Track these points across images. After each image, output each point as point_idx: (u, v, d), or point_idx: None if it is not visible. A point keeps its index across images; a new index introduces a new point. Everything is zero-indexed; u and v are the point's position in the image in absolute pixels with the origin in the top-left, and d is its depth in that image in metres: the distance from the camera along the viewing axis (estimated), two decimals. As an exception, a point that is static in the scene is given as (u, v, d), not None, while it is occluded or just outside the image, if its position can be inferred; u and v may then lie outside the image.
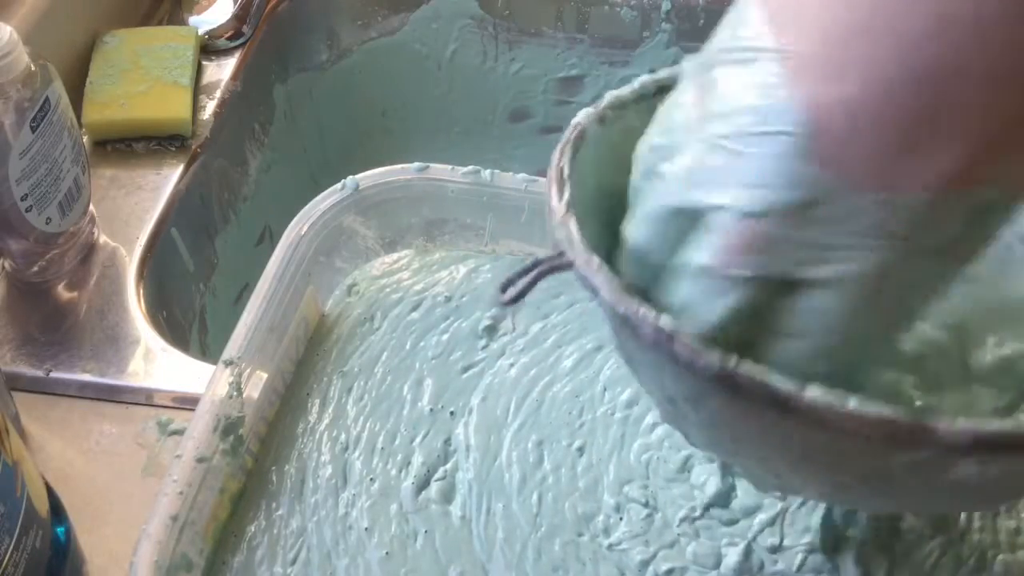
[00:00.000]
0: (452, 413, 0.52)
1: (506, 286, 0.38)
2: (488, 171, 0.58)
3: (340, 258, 0.59)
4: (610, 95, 0.42)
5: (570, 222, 0.37)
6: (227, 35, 0.81)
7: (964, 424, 0.30)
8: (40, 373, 0.59)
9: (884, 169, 0.29)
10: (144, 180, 0.71)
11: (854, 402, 0.30)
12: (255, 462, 0.51)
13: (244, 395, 0.50)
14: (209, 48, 0.80)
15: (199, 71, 0.78)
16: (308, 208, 0.57)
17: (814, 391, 0.31)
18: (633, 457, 0.50)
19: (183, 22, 0.82)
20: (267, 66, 0.85)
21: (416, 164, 0.59)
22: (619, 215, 0.38)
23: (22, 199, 0.59)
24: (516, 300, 0.38)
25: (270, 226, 0.83)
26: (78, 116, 0.68)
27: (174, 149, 0.73)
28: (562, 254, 0.37)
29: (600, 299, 0.35)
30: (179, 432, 0.55)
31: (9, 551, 0.42)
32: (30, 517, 0.44)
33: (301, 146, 0.91)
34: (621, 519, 0.48)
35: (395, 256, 0.60)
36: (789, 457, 0.36)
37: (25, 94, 0.57)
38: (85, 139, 0.70)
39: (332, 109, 0.92)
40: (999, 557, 0.46)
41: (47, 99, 0.59)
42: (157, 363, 0.59)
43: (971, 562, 0.46)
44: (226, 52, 0.81)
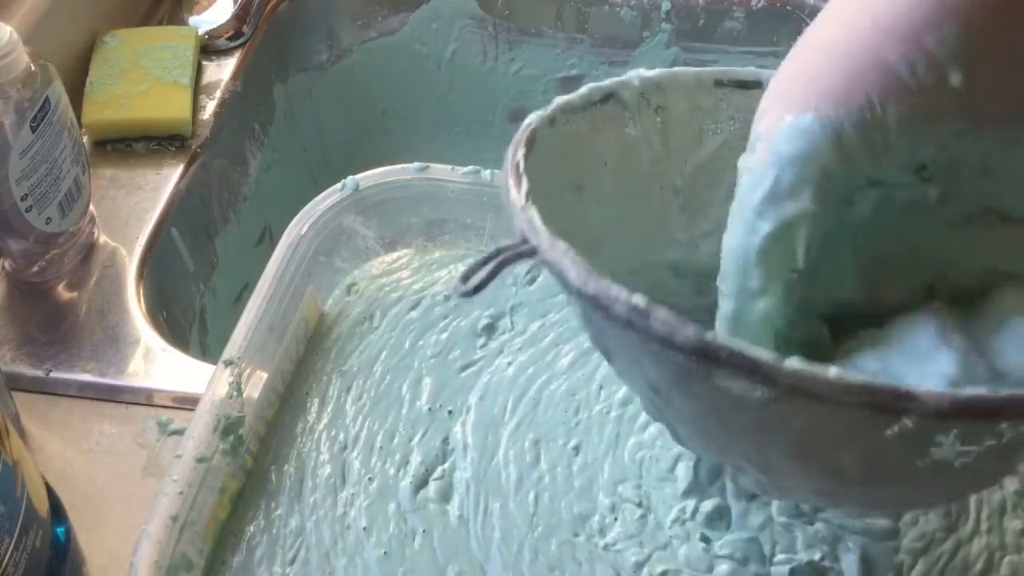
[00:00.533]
0: (450, 412, 0.53)
1: (467, 276, 0.37)
2: (488, 171, 0.58)
3: (340, 258, 0.59)
4: (559, 100, 0.43)
5: (531, 210, 0.37)
6: (227, 35, 0.81)
7: (942, 391, 0.30)
8: (40, 373, 0.59)
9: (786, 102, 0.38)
10: (144, 180, 0.71)
11: (834, 370, 0.30)
12: (254, 461, 0.51)
13: (244, 395, 0.50)
14: (209, 48, 0.80)
15: (199, 71, 0.78)
16: (308, 208, 0.57)
17: (794, 361, 0.31)
18: (627, 456, 0.50)
19: (183, 22, 0.82)
20: (267, 66, 0.85)
21: (416, 164, 0.59)
22: (571, 210, 0.39)
23: (22, 199, 0.59)
24: (476, 291, 0.37)
25: (270, 226, 0.83)
26: (78, 116, 0.68)
27: (174, 149, 0.73)
28: (525, 241, 0.37)
29: (568, 284, 0.35)
30: (179, 432, 0.55)
31: (9, 551, 0.42)
32: (30, 517, 0.44)
33: (301, 146, 0.91)
34: (616, 519, 0.48)
35: (395, 255, 0.60)
36: (777, 443, 0.36)
37: (25, 94, 0.57)
38: (85, 139, 0.70)
39: (332, 109, 0.92)
40: (1006, 559, 0.46)
41: (47, 99, 0.59)
42: (157, 363, 0.59)
43: (979, 565, 0.46)
44: (226, 52, 0.81)
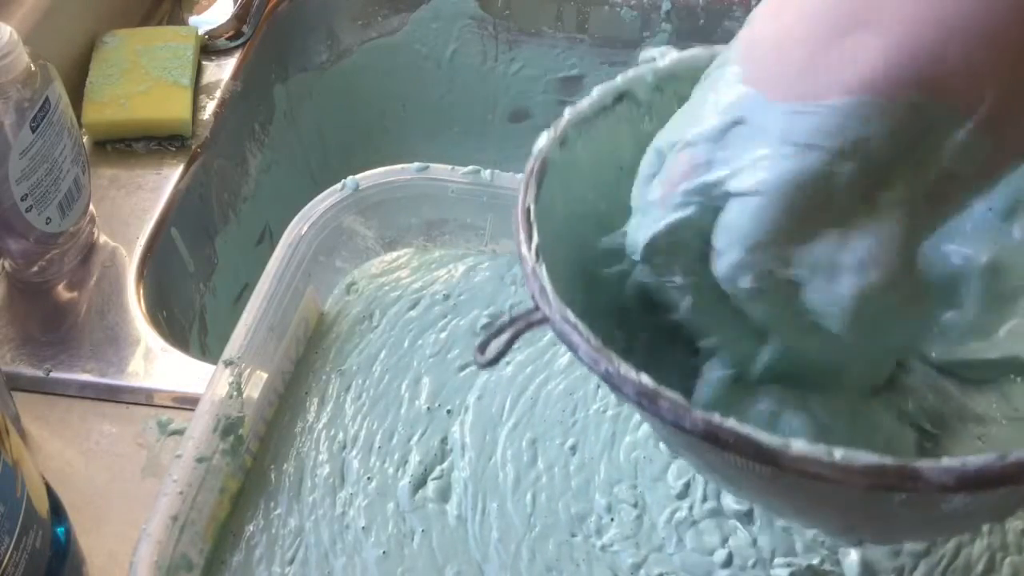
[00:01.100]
0: (449, 411, 0.53)
1: (484, 346, 0.37)
2: (488, 171, 0.58)
3: (340, 258, 0.59)
4: (570, 112, 0.40)
5: (541, 271, 0.35)
6: (227, 35, 0.81)
7: (948, 464, 0.30)
8: (40, 373, 0.59)
9: (802, 79, 0.30)
10: (144, 180, 0.71)
11: (840, 453, 0.30)
12: (254, 461, 0.51)
13: (244, 395, 0.50)
14: (209, 48, 0.80)
15: (199, 71, 0.78)
16: (308, 208, 0.57)
17: (799, 444, 0.31)
18: (623, 456, 0.50)
19: (183, 22, 0.82)
20: (267, 66, 0.85)
21: (416, 164, 0.59)
22: (590, 237, 0.38)
23: (22, 199, 0.59)
24: (495, 361, 0.37)
25: (270, 226, 0.83)
26: (78, 116, 0.68)
27: (174, 149, 0.73)
28: (537, 308, 0.35)
29: (579, 359, 0.34)
30: (179, 432, 0.55)
31: (9, 551, 0.42)
32: (30, 517, 0.44)
33: (301, 146, 0.91)
34: (612, 520, 0.48)
35: (394, 255, 0.60)
36: (787, 504, 0.36)
37: (25, 94, 0.57)
38: (85, 139, 0.70)
39: (332, 109, 0.92)
40: (1007, 559, 0.46)
41: (47, 99, 0.59)
42: (157, 363, 0.59)
43: (980, 566, 0.46)
44: (226, 52, 0.81)
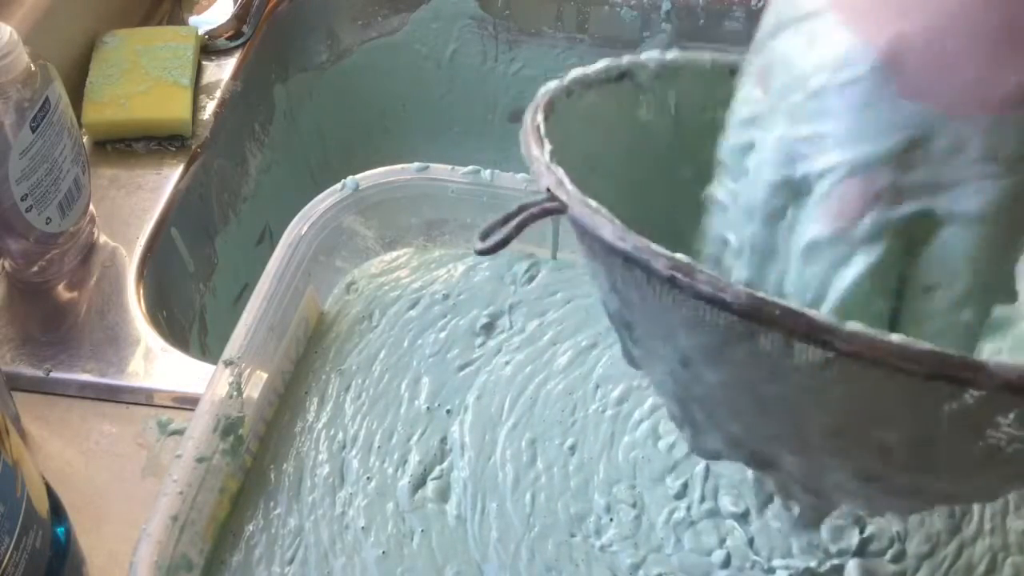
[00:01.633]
0: (448, 411, 0.53)
1: (487, 233, 0.35)
2: (488, 171, 0.58)
3: (340, 258, 0.59)
4: (576, 71, 0.42)
5: (557, 169, 0.35)
6: (227, 35, 0.81)
7: (1012, 363, 0.28)
8: (40, 373, 0.59)
9: (982, 89, 0.27)
10: (144, 180, 0.71)
11: (898, 336, 0.28)
12: (253, 461, 0.51)
13: (244, 395, 0.50)
14: (209, 48, 0.80)
15: (199, 71, 0.78)
16: (308, 208, 0.57)
17: (854, 323, 0.29)
18: (621, 456, 0.50)
19: (183, 22, 0.82)
20: (267, 66, 0.85)
21: (416, 164, 0.59)
22: (590, 183, 0.37)
23: (22, 199, 0.59)
24: (499, 247, 0.34)
25: (270, 226, 0.83)
26: (78, 116, 0.68)
27: (174, 149, 0.73)
28: (552, 199, 0.34)
29: (602, 241, 0.32)
30: (179, 432, 0.55)
31: (9, 551, 0.42)
32: (30, 517, 0.44)
33: (301, 146, 0.91)
34: (611, 520, 0.48)
35: (394, 254, 0.60)
36: (818, 418, 0.33)
37: (25, 94, 0.57)
38: (85, 139, 0.70)
39: (332, 109, 0.92)
40: (1009, 560, 0.47)
41: (47, 99, 0.59)
42: (157, 363, 0.59)
43: (982, 567, 0.46)
44: (226, 52, 0.81)
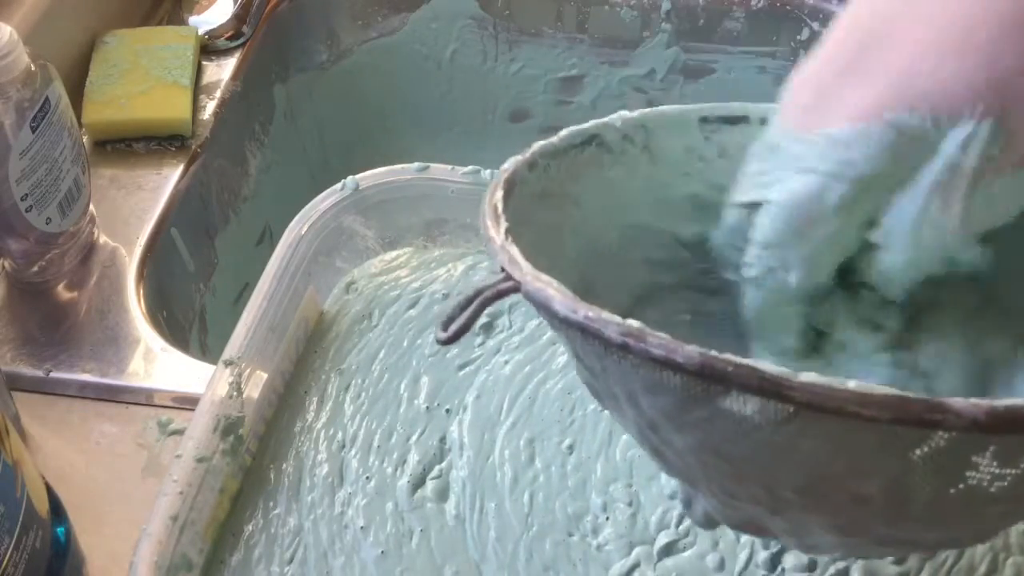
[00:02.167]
0: (448, 411, 0.53)
1: (448, 322, 0.36)
2: (488, 171, 0.58)
3: (340, 258, 0.59)
4: (538, 145, 0.42)
5: (511, 247, 0.36)
6: (227, 35, 0.81)
7: (977, 400, 0.28)
8: (40, 373, 0.59)
9: (810, 114, 0.37)
10: (144, 180, 0.71)
11: (854, 382, 0.28)
12: (253, 460, 0.51)
13: (244, 395, 0.50)
14: (209, 48, 0.80)
15: (199, 71, 0.78)
16: (308, 208, 0.57)
17: (809, 374, 0.29)
18: (618, 454, 0.50)
19: (183, 22, 0.82)
20: (267, 66, 0.85)
21: (416, 164, 0.59)
22: (555, 257, 0.38)
23: (22, 199, 0.59)
24: (459, 336, 0.36)
25: (270, 226, 0.83)
26: (78, 116, 0.68)
27: (174, 149, 0.73)
28: (507, 277, 0.35)
29: (555, 314, 0.33)
30: (179, 432, 0.55)
31: (9, 551, 0.42)
32: (30, 517, 0.44)
33: (301, 146, 0.91)
34: (607, 519, 0.48)
35: (394, 254, 0.60)
36: (789, 476, 0.33)
37: (25, 94, 0.57)
38: (85, 139, 0.70)
39: (332, 109, 0.92)
40: (1010, 560, 0.47)
41: (47, 99, 0.59)
42: (157, 363, 0.59)
43: (983, 567, 0.46)
44: (226, 52, 0.81)
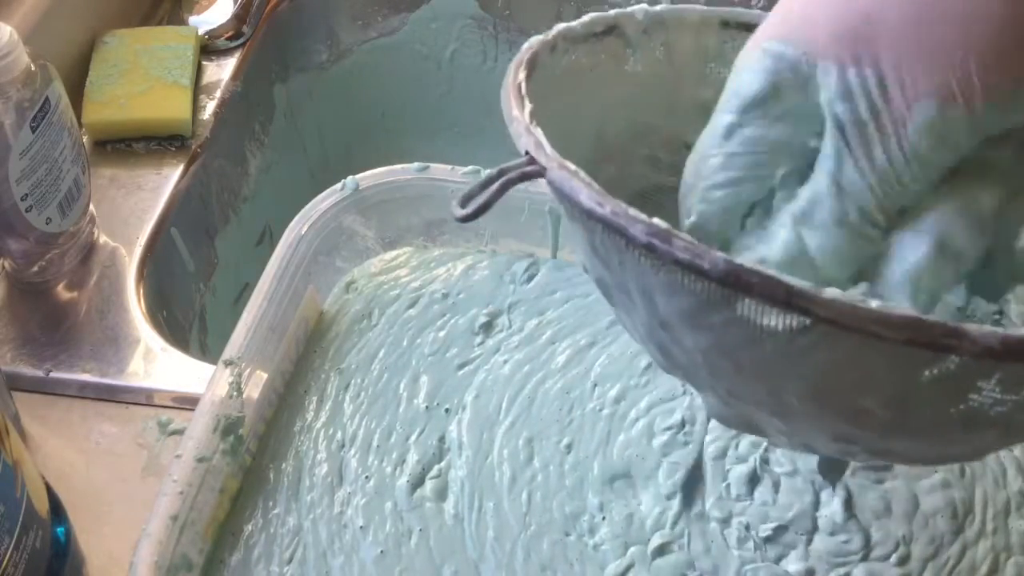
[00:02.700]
0: (447, 410, 0.53)
1: (467, 199, 0.34)
2: (488, 171, 0.58)
3: (340, 258, 0.59)
4: (560, 26, 0.41)
5: (536, 130, 0.35)
6: (227, 35, 0.81)
7: (993, 329, 0.28)
8: (40, 373, 0.59)
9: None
10: (144, 180, 0.71)
11: (877, 302, 0.28)
12: (252, 460, 0.51)
13: (244, 395, 0.50)
14: (209, 48, 0.80)
15: (199, 71, 0.78)
16: (308, 208, 0.57)
17: (832, 290, 0.28)
18: (616, 454, 0.50)
19: (183, 22, 0.82)
20: (267, 66, 0.85)
21: (416, 164, 0.59)
22: (574, 140, 0.37)
23: (22, 199, 0.59)
24: (478, 214, 0.34)
25: (270, 226, 0.83)
26: (78, 116, 0.68)
27: (174, 149, 0.73)
28: (531, 161, 0.34)
29: (579, 206, 0.32)
30: (179, 432, 0.55)
31: (9, 551, 0.42)
32: (30, 517, 0.44)
33: (301, 146, 0.91)
34: (604, 519, 0.48)
35: (393, 253, 0.60)
36: (796, 382, 0.33)
37: (25, 94, 0.57)
38: (85, 139, 0.71)
39: (332, 109, 0.92)
40: (1011, 560, 0.47)
41: (47, 99, 0.59)
42: (157, 363, 0.59)
43: (984, 568, 0.46)
44: (226, 52, 0.81)
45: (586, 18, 0.42)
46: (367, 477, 0.50)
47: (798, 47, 0.34)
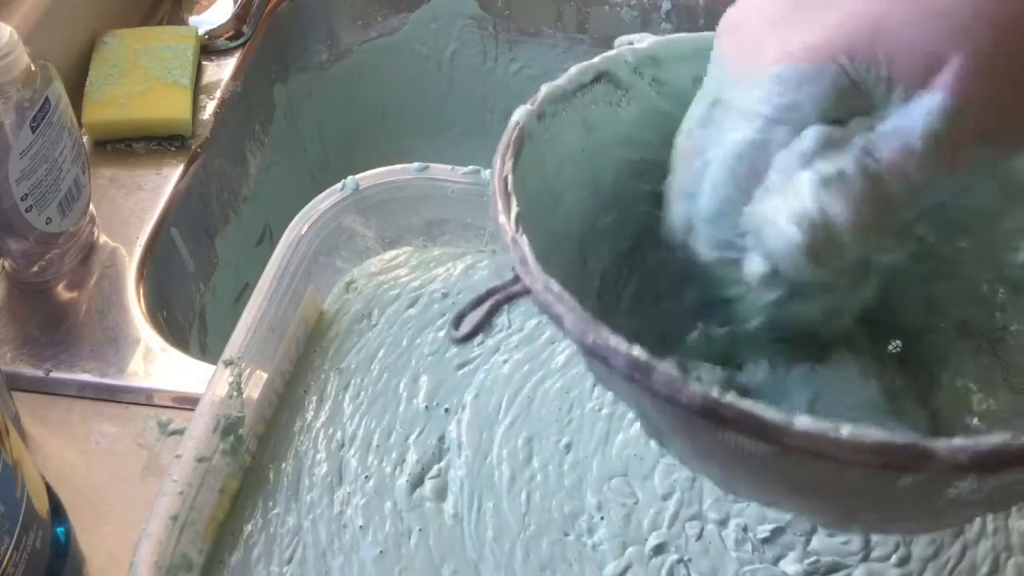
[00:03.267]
0: (447, 410, 0.53)
1: (458, 320, 0.35)
2: (488, 171, 0.58)
3: (340, 258, 0.59)
4: (545, 89, 0.40)
5: (522, 240, 0.34)
6: (227, 35, 0.81)
7: (961, 443, 0.29)
8: (40, 373, 0.59)
9: (754, 53, 0.36)
10: (144, 180, 0.71)
11: (848, 429, 0.29)
12: (252, 460, 0.51)
13: (244, 395, 0.50)
14: (209, 48, 0.80)
15: (199, 71, 0.78)
16: (308, 208, 0.57)
17: (804, 420, 0.29)
18: (615, 454, 0.50)
19: (183, 22, 0.82)
20: (267, 66, 0.85)
21: (416, 164, 0.59)
22: (563, 212, 0.37)
23: (22, 199, 0.59)
24: (472, 336, 0.35)
25: (270, 226, 0.83)
26: (78, 116, 0.68)
27: (174, 149, 0.73)
28: (517, 280, 0.34)
29: (564, 331, 0.33)
30: (179, 432, 0.55)
31: (9, 551, 0.42)
32: (30, 517, 0.44)
33: (301, 146, 0.91)
34: (602, 519, 0.48)
35: (393, 253, 0.60)
36: (782, 489, 0.34)
37: (25, 94, 0.57)
38: (85, 139, 0.71)
39: (332, 109, 0.92)
40: (1011, 560, 0.47)
41: (47, 99, 0.59)
42: (157, 363, 0.59)
43: (985, 568, 0.46)
44: (226, 52, 0.81)
45: (572, 71, 0.40)
46: (367, 477, 0.50)
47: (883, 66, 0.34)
